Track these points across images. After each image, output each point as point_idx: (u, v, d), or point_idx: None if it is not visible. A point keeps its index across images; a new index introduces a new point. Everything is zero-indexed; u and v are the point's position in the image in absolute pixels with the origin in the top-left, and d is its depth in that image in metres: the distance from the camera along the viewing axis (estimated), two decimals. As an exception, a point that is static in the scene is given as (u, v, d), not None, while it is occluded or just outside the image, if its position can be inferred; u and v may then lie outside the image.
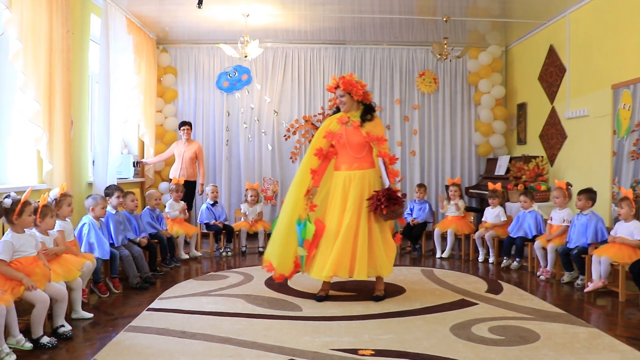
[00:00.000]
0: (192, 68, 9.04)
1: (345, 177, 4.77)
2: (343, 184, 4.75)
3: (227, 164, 9.01)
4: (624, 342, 3.64)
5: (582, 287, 5.20)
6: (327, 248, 4.64)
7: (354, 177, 4.74)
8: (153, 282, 5.47)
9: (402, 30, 8.39)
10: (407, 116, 9.13)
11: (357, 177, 4.74)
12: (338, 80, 4.81)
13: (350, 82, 4.75)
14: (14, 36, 4.70)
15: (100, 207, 5.07)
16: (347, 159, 4.80)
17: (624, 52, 6.02)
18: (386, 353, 3.43)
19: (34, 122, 5.01)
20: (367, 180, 4.75)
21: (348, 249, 4.59)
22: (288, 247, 4.73)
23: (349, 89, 4.76)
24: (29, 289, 3.53)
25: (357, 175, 4.74)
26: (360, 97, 4.80)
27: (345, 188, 4.73)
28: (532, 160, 7.52)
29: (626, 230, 4.93)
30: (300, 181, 4.84)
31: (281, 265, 4.77)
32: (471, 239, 6.95)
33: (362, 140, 4.76)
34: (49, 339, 3.56)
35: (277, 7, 7.28)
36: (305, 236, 4.61)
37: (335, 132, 4.80)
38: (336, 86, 4.81)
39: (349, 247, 4.60)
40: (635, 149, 5.76)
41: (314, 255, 4.71)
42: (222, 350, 3.48)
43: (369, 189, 4.73)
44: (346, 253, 4.59)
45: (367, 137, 4.75)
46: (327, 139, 4.82)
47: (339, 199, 4.73)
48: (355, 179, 4.73)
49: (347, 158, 4.80)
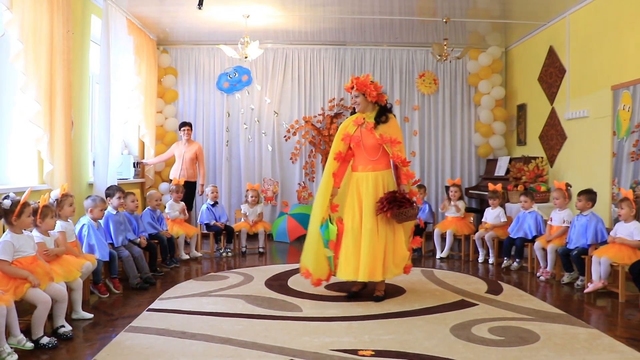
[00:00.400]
0: (192, 69, 9.05)
1: (360, 178, 4.79)
2: (357, 185, 4.77)
3: (228, 165, 9.02)
4: (624, 342, 3.64)
5: (582, 288, 5.20)
6: (349, 248, 4.65)
7: (367, 179, 4.76)
8: (153, 282, 5.47)
9: (402, 31, 8.40)
10: (407, 117, 9.13)
11: (370, 178, 4.75)
12: (354, 80, 4.83)
13: (364, 83, 4.77)
14: (14, 37, 4.71)
15: (99, 209, 5.06)
16: (362, 160, 4.82)
17: (624, 53, 6.03)
18: (386, 353, 3.43)
19: (34, 122, 5.02)
20: (381, 181, 4.76)
21: (372, 250, 4.62)
22: (321, 251, 4.73)
23: (363, 90, 4.78)
24: (35, 286, 3.55)
25: (371, 177, 4.75)
26: (375, 98, 4.80)
27: (359, 189, 4.76)
28: (532, 161, 7.53)
29: (626, 230, 4.94)
30: (325, 187, 4.83)
31: (317, 270, 4.77)
32: (471, 240, 6.96)
33: (376, 143, 4.77)
34: (49, 339, 3.56)
35: (277, 8, 7.29)
36: (329, 237, 4.64)
37: (352, 135, 4.82)
38: (352, 86, 4.84)
39: (372, 249, 4.62)
40: (635, 150, 5.77)
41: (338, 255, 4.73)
42: (222, 351, 3.49)
43: (383, 190, 4.73)
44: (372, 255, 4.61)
45: (380, 139, 4.75)
46: (345, 142, 4.84)
47: (355, 199, 4.75)
48: (369, 181, 4.74)
49: (363, 159, 4.81)
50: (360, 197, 4.73)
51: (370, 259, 4.60)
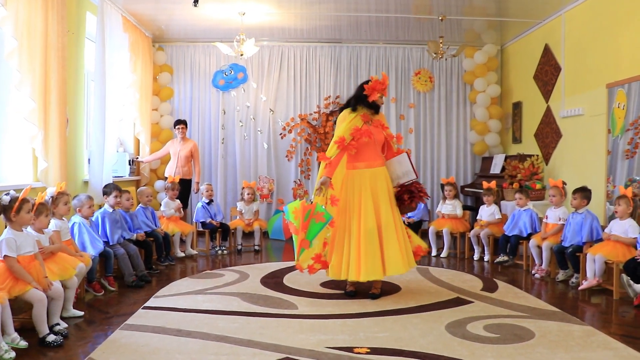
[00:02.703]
0: (187, 66, 9.03)
1: (370, 174, 4.78)
2: (370, 181, 4.76)
3: (223, 163, 9.01)
4: (618, 339, 3.66)
5: (576, 285, 5.22)
6: (370, 249, 4.61)
7: (378, 174, 4.80)
8: (149, 280, 5.46)
9: (398, 29, 8.40)
10: (402, 115, 9.14)
11: (381, 174, 4.82)
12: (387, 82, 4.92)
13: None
14: (9, 34, 4.69)
15: (86, 207, 5.04)
16: (370, 156, 4.82)
17: (619, 51, 6.04)
18: (382, 351, 3.44)
19: (29, 120, 5.01)
20: (385, 176, 4.85)
21: (394, 244, 4.64)
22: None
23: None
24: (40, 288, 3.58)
25: (380, 172, 4.82)
26: None
27: (372, 185, 4.75)
28: (527, 158, 7.55)
29: (621, 228, 4.95)
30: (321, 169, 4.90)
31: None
32: (466, 238, 6.97)
33: (384, 139, 4.91)
34: (55, 337, 3.56)
35: (273, 5, 7.28)
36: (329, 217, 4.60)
37: (361, 129, 4.81)
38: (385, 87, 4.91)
39: (394, 243, 4.65)
40: (630, 147, 5.79)
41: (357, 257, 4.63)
42: (218, 349, 3.49)
43: (387, 184, 4.83)
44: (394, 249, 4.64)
45: (388, 136, 4.94)
46: (354, 136, 4.78)
47: (369, 196, 4.72)
48: (380, 176, 4.81)
49: (371, 155, 4.82)
50: (375, 193, 4.73)
51: (401, 251, 4.65)
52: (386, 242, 4.65)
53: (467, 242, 6.97)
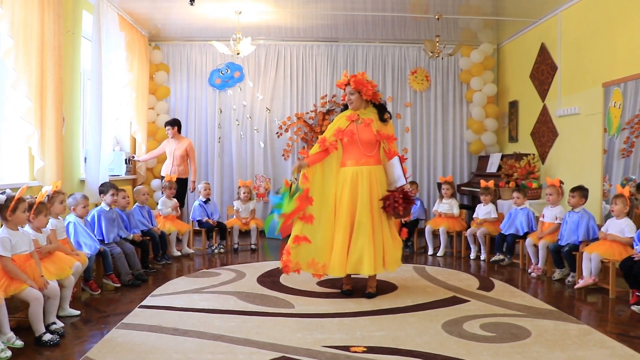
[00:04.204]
0: (184, 65, 9.01)
1: (353, 172, 4.78)
2: (352, 179, 4.76)
3: (219, 161, 9.00)
4: (614, 338, 3.67)
5: (572, 284, 5.23)
6: (340, 244, 4.67)
7: (361, 173, 4.76)
8: (145, 279, 5.46)
9: (395, 28, 8.40)
10: (399, 114, 9.14)
11: (364, 172, 4.76)
12: (349, 77, 4.82)
13: (361, 81, 4.78)
14: (5, 32, 4.68)
15: (81, 206, 5.03)
16: (355, 155, 4.81)
17: (615, 50, 6.06)
18: (378, 350, 3.44)
19: (25, 119, 4.99)
20: (375, 176, 4.79)
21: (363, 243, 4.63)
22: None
23: (359, 88, 4.79)
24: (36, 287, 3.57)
25: (365, 171, 4.76)
26: (370, 97, 4.83)
27: (353, 183, 4.75)
28: (524, 157, 7.56)
29: (617, 227, 4.96)
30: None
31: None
32: (463, 236, 6.98)
33: (373, 138, 4.81)
34: (51, 336, 3.55)
35: (270, 4, 7.27)
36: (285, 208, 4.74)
37: (344, 129, 4.82)
38: (346, 83, 4.83)
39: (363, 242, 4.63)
40: (626, 146, 5.80)
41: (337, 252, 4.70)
42: (215, 347, 3.49)
43: (376, 185, 4.77)
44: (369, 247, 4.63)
45: (377, 135, 4.81)
46: (335, 137, 4.82)
47: (347, 194, 4.74)
48: (363, 175, 4.75)
49: (356, 154, 4.81)
50: (355, 191, 4.72)
51: (373, 252, 4.62)
52: (354, 240, 4.66)
53: (463, 241, 6.98)
